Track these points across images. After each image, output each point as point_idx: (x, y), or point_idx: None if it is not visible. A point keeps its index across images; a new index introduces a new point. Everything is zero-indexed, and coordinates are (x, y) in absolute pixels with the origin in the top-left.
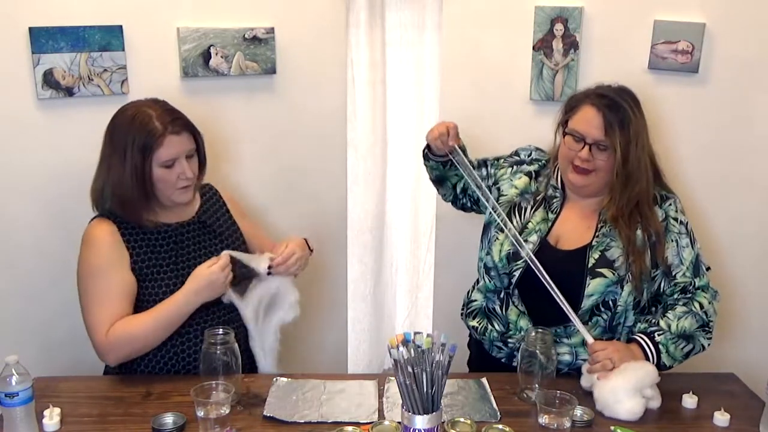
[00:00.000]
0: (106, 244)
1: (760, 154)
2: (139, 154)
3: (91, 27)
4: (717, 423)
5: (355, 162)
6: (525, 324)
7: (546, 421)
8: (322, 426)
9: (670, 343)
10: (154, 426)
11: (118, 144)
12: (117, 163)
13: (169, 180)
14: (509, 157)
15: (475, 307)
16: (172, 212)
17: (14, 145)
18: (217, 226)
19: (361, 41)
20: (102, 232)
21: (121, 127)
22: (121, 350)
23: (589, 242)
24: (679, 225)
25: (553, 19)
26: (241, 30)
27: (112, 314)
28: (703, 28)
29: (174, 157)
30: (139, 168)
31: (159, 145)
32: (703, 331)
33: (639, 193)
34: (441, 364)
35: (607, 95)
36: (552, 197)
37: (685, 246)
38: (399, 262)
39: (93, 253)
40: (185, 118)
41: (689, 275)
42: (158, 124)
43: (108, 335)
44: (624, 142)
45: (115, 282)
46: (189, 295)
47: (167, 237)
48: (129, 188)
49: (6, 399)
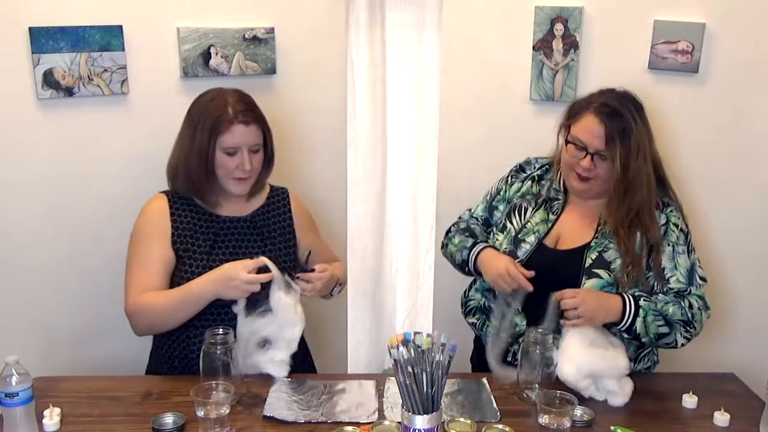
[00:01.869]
0: (155, 214)
1: (759, 154)
2: (206, 134)
3: (91, 27)
4: (717, 423)
5: (355, 162)
6: (520, 320)
7: (546, 421)
8: (322, 426)
9: (650, 313)
10: (154, 426)
11: (192, 122)
12: (187, 141)
13: (228, 167)
14: (516, 173)
15: (473, 306)
16: (231, 206)
17: (14, 145)
18: (270, 229)
19: (361, 41)
20: (154, 204)
21: (197, 107)
22: (142, 319)
23: (588, 242)
24: (678, 231)
25: (553, 19)
26: (241, 30)
27: (146, 281)
28: (703, 28)
29: (237, 145)
30: (204, 147)
31: (225, 130)
32: (684, 328)
33: (639, 202)
34: (441, 364)
35: (610, 104)
36: (554, 199)
37: (681, 253)
38: (399, 262)
39: (142, 220)
40: (259, 112)
41: (684, 281)
42: (230, 110)
43: (136, 300)
44: (624, 153)
45: (154, 251)
46: (205, 281)
47: (210, 226)
48: (194, 165)
49: (6, 399)
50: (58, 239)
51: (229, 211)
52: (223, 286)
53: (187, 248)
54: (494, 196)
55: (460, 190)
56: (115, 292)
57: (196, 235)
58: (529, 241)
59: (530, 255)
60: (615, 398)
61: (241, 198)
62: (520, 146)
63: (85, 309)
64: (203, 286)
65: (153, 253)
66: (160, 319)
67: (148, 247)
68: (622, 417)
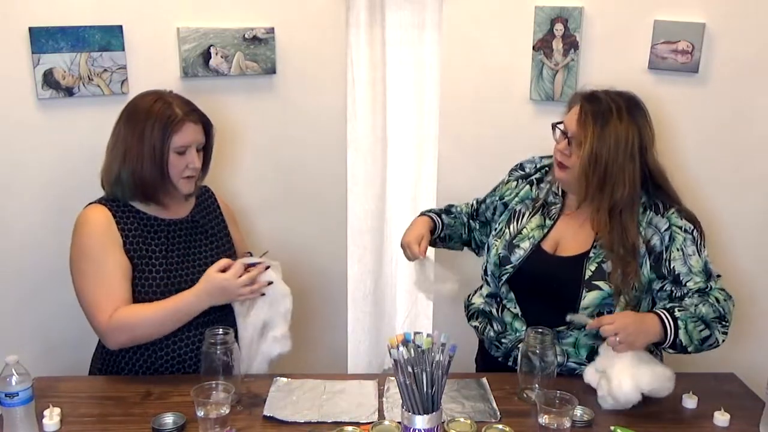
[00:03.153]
0: (100, 226)
1: (760, 154)
2: (159, 134)
3: (91, 27)
4: (717, 423)
5: (355, 162)
6: (520, 326)
7: (546, 421)
8: (322, 426)
9: (689, 321)
10: (154, 426)
11: (136, 126)
12: (135, 145)
13: (179, 167)
14: (514, 171)
15: (474, 310)
16: (167, 209)
17: (14, 145)
18: (209, 227)
19: (361, 41)
20: (96, 216)
21: (140, 111)
22: (123, 335)
23: (587, 251)
24: (683, 233)
25: (553, 19)
26: (241, 30)
27: (112, 295)
28: (703, 28)
29: (188, 144)
30: (158, 149)
31: (177, 130)
32: (720, 324)
33: (621, 201)
34: (441, 364)
35: (596, 93)
36: (551, 204)
37: (692, 254)
38: (399, 262)
39: (87, 236)
40: (201, 111)
41: (701, 280)
42: (178, 111)
43: (111, 318)
44: (594, 137)
45: (111, 263)
46: (201, 295)
47: (159, 230)
48: (147, 169)
49: (6, 399)
50: (58, 239)
51: (170, 213)
52: (222, 296)
53: (142, 255)
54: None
55: (460, 190)
56: None
57: (147, 240)
58: (524, 247)
59: (525, 260)
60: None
61: (181, 199)
62: (520, 146)
63: None
64: (200, 299)
65: (111, 266)
66: (145, 334)
67: (103, 260)
68: (622, 417)
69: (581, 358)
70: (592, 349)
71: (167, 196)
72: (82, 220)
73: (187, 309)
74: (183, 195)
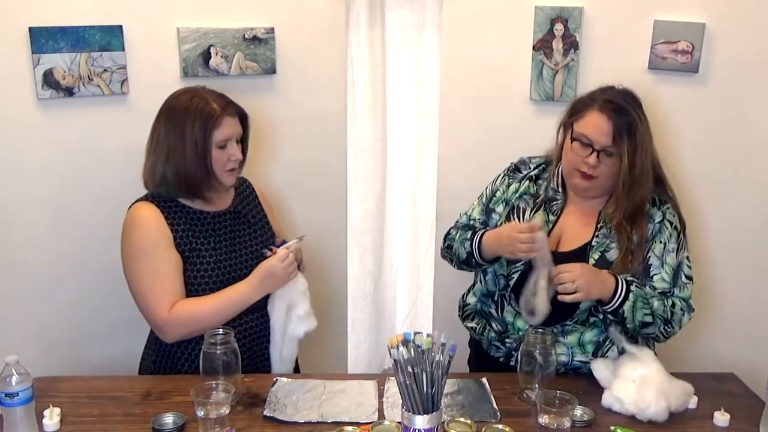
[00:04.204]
0: (152, 223)
1: (759, 154)
2: (200, 131)
3: (91, 27)
4: (717, 423)
5: (355, 162)
6: (522, 324)
7: (546, 421)
8: (322, 426)
9: (639, 300)
10: (154, 426)
11: (176, 125)
12: (177, 144)
13: (221, 161)
14: (510, 173)
15: (470, 310)
16: (211, 202)
17: (14, 145)
18: (251, 216)
19: (361, 41)
20: (146, 214)
21: (179, 110)
22: (183, 329)
23: (589, 241)
24: (671, 229)
25: (553, 19)
26: (241, 30)
27: (170, 291)
28: (703, 28)
29: (228, 138)
30: (200, 146)
31: (217, 125)
32: (664, 325)
33: (641, 199)
34: (441, 364)
35: (615, 101)
36: (552, 199)
37: (671, 251)
38: (399, 262)
39: (141, 234)
40: (236, 103)
41: (667, 281)
42: (215, 106)
43: (171, 313)
44: (631, 149)
45: (166, 259)
46: (254, 285)
47: (206, 224)
48: (192, 166)
49: (6, 399)
50: (58, 239)
51: (214, 206)
52: (272, 282)
53: (192, 248)
54: (490, 198)
55: (460, 190)
56: (116, 292)
57: (195, 234)
58: None
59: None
60: None
61: (223, 192)
62: (520, 146)
63: (85, 309)
64: (254, 289)
65: (166, 263)
66: (204, 326)
67: (157, 256)
68: (622, 417)
69: (587, 354)
70: (599, 345)
71: (211, 190)
72: (133, 220)
73: (243, 299)
74: (226, 187)
